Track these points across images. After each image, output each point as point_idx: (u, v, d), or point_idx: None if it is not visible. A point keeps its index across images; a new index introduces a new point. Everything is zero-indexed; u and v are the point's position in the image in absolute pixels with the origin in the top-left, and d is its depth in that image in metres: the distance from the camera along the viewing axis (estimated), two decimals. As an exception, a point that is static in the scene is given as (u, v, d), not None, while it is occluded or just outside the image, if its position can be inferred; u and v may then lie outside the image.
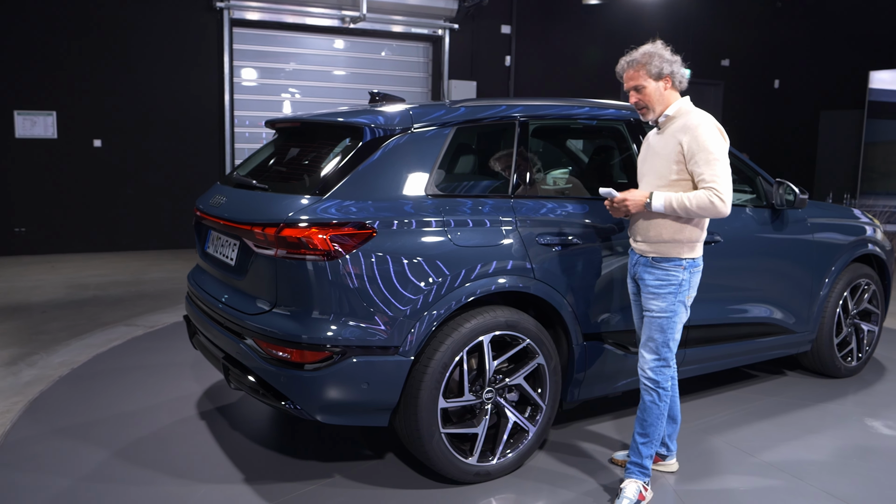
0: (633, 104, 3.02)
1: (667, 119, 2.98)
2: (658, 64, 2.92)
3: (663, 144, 2.96)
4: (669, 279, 2.93)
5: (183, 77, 9.19)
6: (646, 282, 2.97)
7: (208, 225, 3.47)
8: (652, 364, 2.97)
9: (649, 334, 2.98)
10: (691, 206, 2.81)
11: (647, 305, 2.97)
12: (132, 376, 4.47)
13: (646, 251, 2.97)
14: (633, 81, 2.97)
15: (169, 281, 7.37)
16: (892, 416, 4.03)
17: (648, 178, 3.03)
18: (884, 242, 4.78)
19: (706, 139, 2.84)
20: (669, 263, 2.93)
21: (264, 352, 2.88)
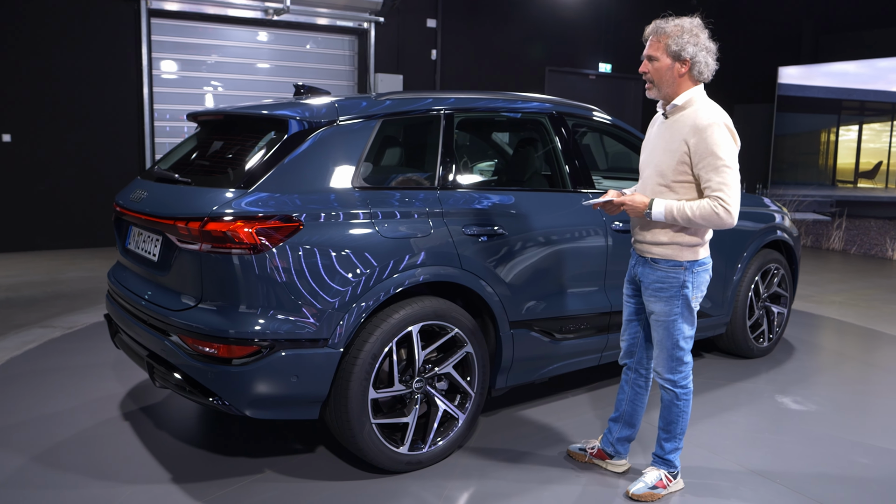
0: (640, 72, 2.81)
1: (675, 109, 2.77)
2: (683, 43, 2.69)
3: (669, 139, 2.75)
4: (670, 280, 2.81)
5: (98, 69, 8.86)
6: (646, 283, 2.88)
7: (129, 221, 3.39)
8: (666, 364, 2.89)
9: (658, 337, 2.89)
10: (694, 217, 2.65)
11: (650, 307, 2.88)
12: (50, 379, 4.31)
13: (645, 251, 2.87)
14: (650, 50, 2.75)
15: (87, 280, 7.11)
16: (800, 392, 4.27)
17: (650, 171, 2.85)
18: (791, 229, 5.05)
19: (717, 143, 2.62)
20: (669, 265, 2.81)
21: (190, 348, 2.84)
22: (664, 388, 2.95)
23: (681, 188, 2.75)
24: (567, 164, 3.78)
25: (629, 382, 3.14)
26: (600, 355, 3.89)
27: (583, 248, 3.68)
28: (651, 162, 2.85)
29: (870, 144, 9.93)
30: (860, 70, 10.00)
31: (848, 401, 4.20)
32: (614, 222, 3.80)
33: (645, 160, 2.92)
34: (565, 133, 3.84)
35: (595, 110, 4.18)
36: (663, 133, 2.80)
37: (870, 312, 6.43)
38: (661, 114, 2.88)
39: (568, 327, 3.64)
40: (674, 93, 2.76)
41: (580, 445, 3.32)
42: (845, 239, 10.10)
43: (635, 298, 3.03)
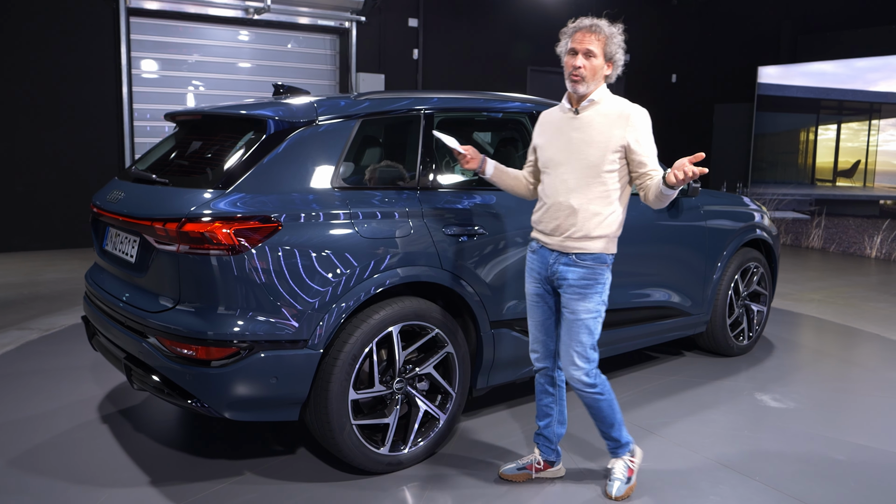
0: (572, 67, 2.77)
1: (590, 104, 2.81)
2: (616, 47, 2.81)
3: (593, 131, 2.77)
4: (596, 277, 2.80)
5: (77, 69, 8.76)
6: (569, 282, 2.80)
7: (106, 221, 3.35)
8: (585, 368, 2.82)
9: (576, 338, 2.81)
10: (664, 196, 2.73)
11: (572, 307, 2.80)
12: (27, 381, 4.26)
13: (569, 248, 2.80)
14: (588, 45, 2.76)
15: (64, 282, 7.03)
16: (779, 390, 4.31)
17: (570, 166, 2.80)
18: (771, 228, 5.09)
19: (649, 129, 2.79)
20: (595, 261, 2.79)
21: (168, 350, 2.81)
22: (583, 392, 2.87)
23: (610, 178, 2.77)
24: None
25: (552, 384, 3.06)
26: (581, 354, 3.89)
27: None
28: (570, 157, 2.80)
29: (848, 143, 10.05)
30: (838, 70, 10.11)
31: (826, 398, 4.24)
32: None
33: (556, 157, 2.84)
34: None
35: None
36: (580, 127, 2.80)
37: (848, 310, 6.51)
38: (567, 109, 2.86)
39: (549, 327, 3.64)
40: (590, 90, 2.80)
41: (516, 466, 3.14)
42: (824, 237, 10.21)
43: (549, 298, 2.93)
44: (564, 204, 2.80)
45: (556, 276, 2.84)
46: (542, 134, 2.96)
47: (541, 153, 2.94)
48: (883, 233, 9.53)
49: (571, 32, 2.83)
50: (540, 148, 2.95)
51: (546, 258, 2.87)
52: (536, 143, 2.98)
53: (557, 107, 2.96)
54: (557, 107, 2.96)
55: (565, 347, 2.85)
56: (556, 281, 2.85)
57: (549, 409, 3.09)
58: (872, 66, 9.67)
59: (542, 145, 2.93)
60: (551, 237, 2.84)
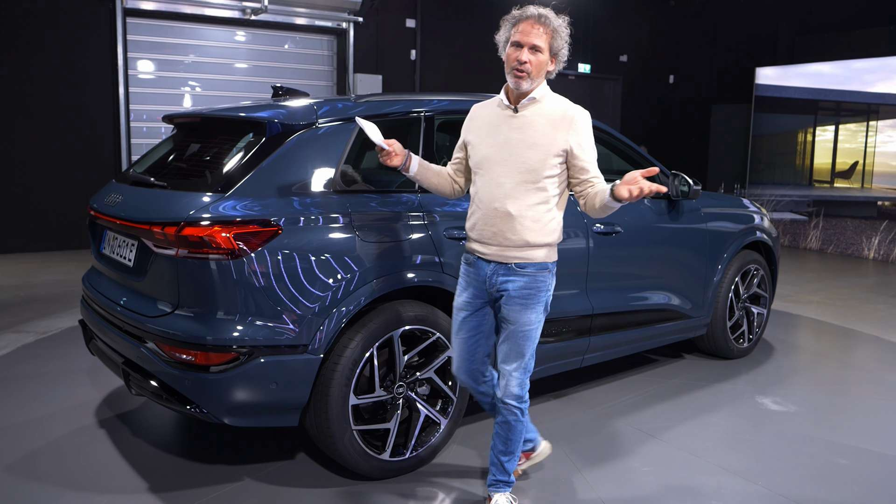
0: (516, 61, 2.56)
1: (531, 102, 2.62)
2: (562, 42, 2.62)
3: (533, 132, 2.58)
4: (538, 286, 2.64)
5: (73, 70, 8.72)
6: (510, 292, 2.63)
7: (104, 225, 3.32)
8: (519, 380, 2.68)
9: (515, 349, 2.65)
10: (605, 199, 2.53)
11: (513, 318, 2.63)
12: (23, 385, 4.22)
13: (509, 257, 2.62)
14: (535, 39, 2.55)
15: (61, 284, 6.99)
16: (779, 393, 4.30)
17: (507, 168, 2.58)
18: (770, 230, 5.08)
19: (591, 133, 2.62)
20: (536, 268, 2.63)
21: (167, 355, 2.79)
22: (510, 410, 2.70)
23: (550, 184, 2.59)
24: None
25: (480, 393, 2.89)
26: (582, 358, 3.88)
27: (564, 250, 3.64)
28: (508, 159, 2.58)
29: (846, 145, 10.05)
30: (835, 71, 10.12)
31: (826, 401, 4.23)
32: (595, 224, 3.79)
33: (492, 157, 2.62)
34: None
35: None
36: (519, 127, 2.60)
37: (846, 312, 6.50)
38: (505, 105, 2.66)
39: (549, 331, 3.63)
40: (533, 87, 2.61)
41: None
42: (822, 238, 10.21)
43: (482, 313, 2.75)
44: (501, 210, 2.59)
45: (495, 287, 2.66)
46: (474, 130, 2.73)
47: (473, 151, 2.71)
48: (881, 234, 9.53)
49: (515, 22, 2.60)
50: (472, 145, 2.71)
51: (483, 270, 2.68)
52: (467, 140, 2.74)
53: (492, 100, 2.75)
54: (492, 100, 2.75)
55: (505, 358, 2.67)
56: (495, 293, 2.67)
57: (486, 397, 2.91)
58: (870, 67, 9.67)
59: (475, 143, 2.70)
60: (489, 247, 2.64)
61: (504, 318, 2.68)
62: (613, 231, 3.87)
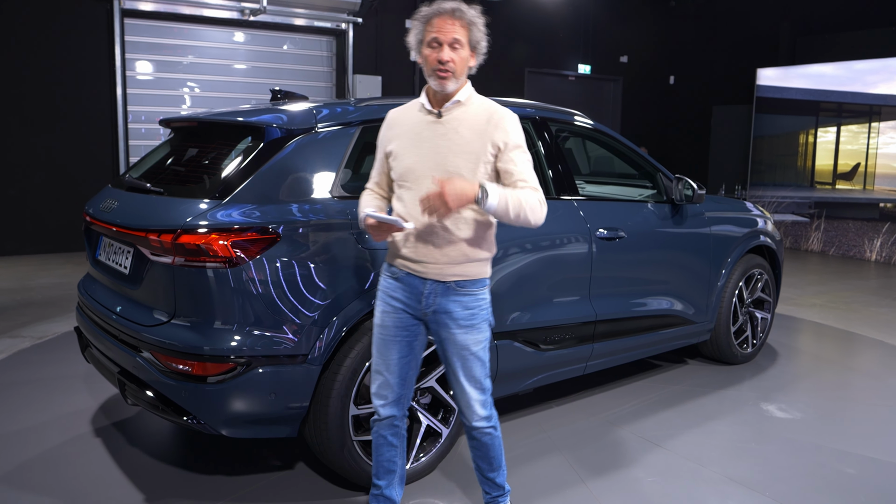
0: (436, 62, 2.35)
1: (456, 105, 2.41)
2: (480, 34, 2.44)
3: (459, 138, 2.37)
4: (479, 304, 2.45)
5: (70, 71, 8.66)
6: (452, 314, 2.41)
7: (99, 231, 3.26)
8: (482, 401, 2.51)
9: (471, 373, 2.47)
10: (525, 208, 2.32)
11: (460, 341, 2.43)
12: (18, 392, 4.17)
13: (448, 275, 2.40)
14: (454, 34, 2.35)
15: (58, 287, 6.93)
16: (784, 400, 4.24)
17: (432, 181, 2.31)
18: (774, 233, 5.03)
19: (520, 135, 2.43)
20: (477, 287, 2.45)
21: (163, 365, 2.73)
22: (482, 433, 2.53)
23: None
24: (551, 170, 3.72)
25: (396, 435, 2.60)
26: (585, 365, 3.83)
27: (567, 256, 3.62)
28: (436, 169, 2.36)
29: (848, 146, 10.01)
30: (837, 72, 10.07)
31: (831, 407, 4.18)
32: (599, 230, 3.74)
33: (418, 168, 2.39)
34: (549, 139, 3.77)
35: (577, 114, 4.12)
36: (445, 133, 2.39)
37: (850, 315, 6.45)
38: (427, 110, 2.43)
39: (553, 337, 3.58)
40: (457, 88, 2.41)
41: None
42: (824, 240, 10.17)
43: (413, 334, 2.50)
44: (438, 225, 2.37)
45: (431, 308, 2.43)
46: (395, 138, 2.48)
47: (396, 162, 2.45)
48: (883, 236, 9.49)
49: (428, 19, 2.38)
50: (394, 156, 2.46)
51: (417, 288, 2.43)
52: (389, 150, 2.49)
53: (411, 105, 2.52)
54: (411, 105, 2.52)
55: (459, 385, 2.48)
56: (430, 313, 2.44)
57: (391, 464, 2.62)
58: (872, 68, 9.63)
59: (398, 153, 2.45)
60: (425, 265, 2.41)
61: (447, 341, 2.45)
62: (617, 236, 3.82)
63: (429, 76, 2.39)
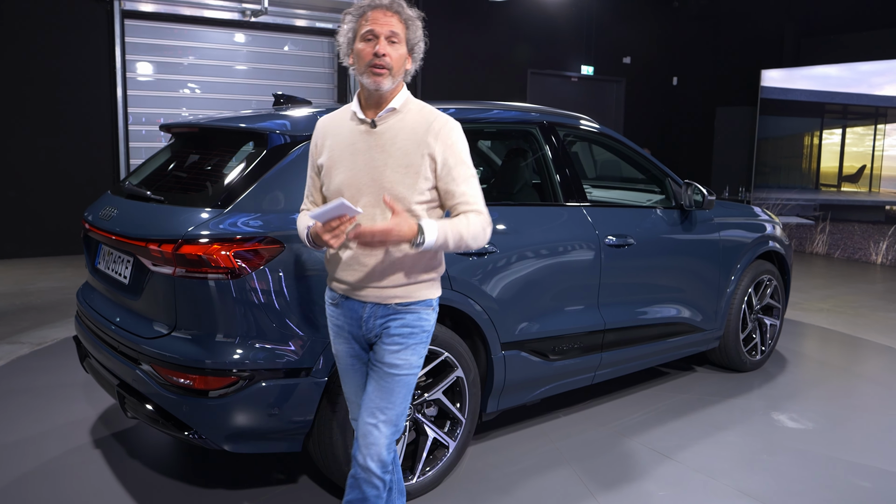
0: (371, 55, 2.09)
1: (391, 114, 2.17)
2: (417, 35, 2.20)
3: (400, 151, 2.13)
4: (421, 324, 2.23)
5: (70, 72, 8.59)
6: (390, 332, 2.19)
7: (98, 239, 3.19)
8: (388, 438, 2.18)
9: (386, 397, 2.18)
10: (467, 238, 2.10)
11: (388, 358, 2.18)
12: (16, 401, 4.10)
13: (388, 297, 2.18)
14: (391, 27, 2.12)
15: (58, 291, 6.86)
16: (794, 409, 4.17)
17: (372, 197, 2.13)
18: (783, 238, 4.96)
19: (464, 149, 2.18)
20: (421, 307, 2.22)
21: (164, 379, 2.66)
22: (370, 480, 2.17)
23: (423, 210, 2.15)
24: (558, 175, 3.65)
25: None
26: (594, 374, 3.76)
27: (575, 264, 3.55)
28: (372, 185, 2.13)
29: (853, 148, 9.93)
30: (842, 73, 9.99)
31: (843, 417, 4.11)
32: (608, 237, 3.67)
33: (352, 184, 2.15)
34: (556, 143, 3.71)
35: (583, 118, 4.05)
36: (380, 145, 2.15)
37: (858, 320, 6.38)
38: (360, 119, 2.19)
39: (561, 347, 3.51)
40: (393, 92, 2.18)
41: None
42: (829, 243, 10.09)
43: (361, 363, 2.29)
44: None
45: (373, 332, 2.22)
46: (326, 150, 2.23)
47: (327, 178, 2.22)
48: (889, 238, 9.42)
49: (363, 12, 2.15)
50: (326, 171, 2.22)
51: (356, 312, 2.22)
52: (320, 164, 2.25)
53: (342, 112, 2.28)
54: (342, 112, 2.28)
55: (368, 410, 2.18)
56: (372, 337, 2.23)
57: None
58: (878, 69, 9.55)
59: (329, 167, 2.21)
60: (363, 289, 2.19)
61: (378, 360, 2.20)
62: (626, 243, 3.75)
63: (361, 74, 2.13)
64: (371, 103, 2.18)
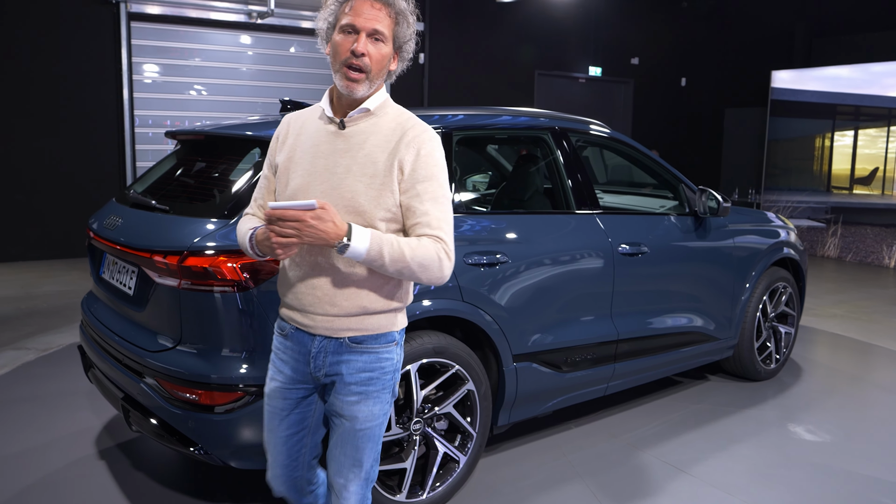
0: (349, 53, 1.83)
1: (363, 115, 1.90)
2: (408, 31, 1.92)
3: (367, 159, 1.85)
4: (382, 366, 1.91)
5: (76, 74, 8.55)
6: (344, 378, 1.89)
7: (103, 248, 3.14)
8: (360, 496, 1.98)
9: (353, 456, 1.92)
10: (412, 264, 1.78)
11: (348, 412, 1.90)
12: (20, 409, 4.05)
13: (339, 330, 1.88)
14: (376, 22, 1.83)
15: (63, 295, 6.82)
16: (810, 420, 4.09)
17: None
18: (798, 244, 4.87)
19: (438, 163, 1.88)
20: (381, 343, 1.91)
21: (168, 393, 2.60)
22: None
23: (387, 227, 1.85)
24: (571, 182, 3.58)
25: None
26: (606, 385, 3.69)
27: (588, 273, 3.48)
28: (329, 193, 1.84)
29: (865, 150, 9.82)
30: (854, 74, 9.88)
31: (860, 428, 4.02)
32: (621, 245, 3.60)
33: (308, 189, 1.86)
34: (568, 149, 3.63)
35: (593, 123, 3.97)
36: (347, 150, 1.87)
37: (872, 327, 6.28)
38: (328, 119, 1.93)
39: (574, 358, 3.44)
40: (370, 93, 1.90)
41: None
42: (841, 246, 9.98)
43: (305, 403, 1.99)
44: (325, 265, 1.85)
45: (322, 371, 1.91)
46: (286, 149, 1.95)
47: (284, 181, 1.92)
48: (902, 242, 9.31)
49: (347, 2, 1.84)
50: (281, 172, 1.94)
51: (304, 346, 1.92)
52: (276, 163, 1.98)
53: (312, 109, 2.02)
54: (312, 109, 2.02)
55: (338, 469, 1.95)
56: (322, 377, 1.93)
57: None
58: (890, 70, 9.44)
59: (285, 168, 1.93)
60: (312, 316, 1.89)
61: (336, 412, 1.92)
62: (639, 251, 3.67)
63: (335, 72, 1.87)
64: (343, 103, 1.91)
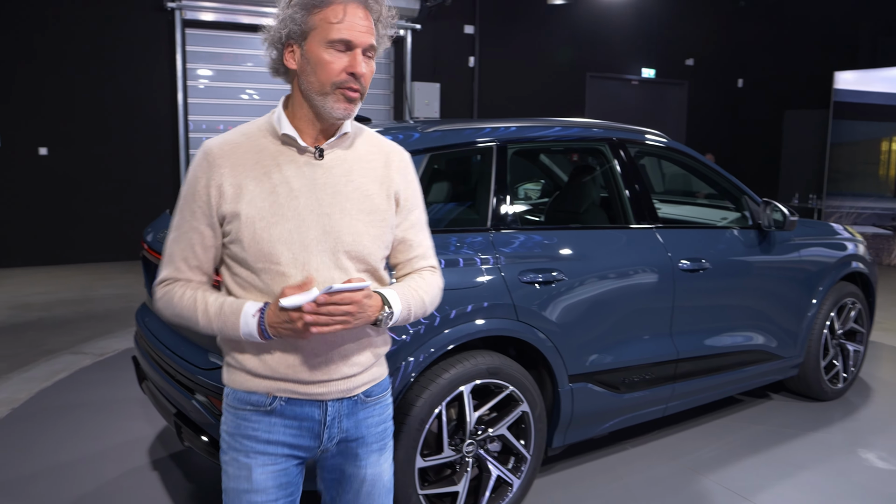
0: (346, 75, 1.56)
1: (341, 139, 1.64)
2: (385, 37, 1.68)
3: (362, 193, 1.62)
4: (389, 412, 1.77)
5: (133, 81, 8.73)
6: (365, 439, 1.69)
7: (155, 262, 3.13)
8: None
9: None
10: (428, 307, 1.71)
11: (371, 473, 1.71)
12: (76, 416, 4.10)
13: (355, 387, 1.66)
14: (370, 36, 1.59)
15: (119, 299, 6.95)
16: (883, 446, 3.88)
17: (327, 257, 1.56)
18: (866, 257, 4.65)
19: (419, 188, 1.76)
20: (384, 389, 1.76)
21: (219, 411, 2.56)
22: None
23: (385, 274, 1.70)
24: (629, 194, 3.45)
25: None
26: (665, 406, 3.55)
27: (647, 290, 3.35)
28: (319, 238, 1.56)
29: (935, 155, 9.38)
30: (923, 75, 9.45)
31: (938, 455, 3.80)
32: (681, 261, 3.46)
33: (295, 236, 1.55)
34: (626, 161, 3.51)
35: (648, 132, 3.82)
36: (329, 183, 1.59)
37: (945, 342, 5.97)
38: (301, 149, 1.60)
39: (632, 378, 3.32)
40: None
41: None
42: (907, 254, 9.56)
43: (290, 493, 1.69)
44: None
45: (334, 440, 1.67)
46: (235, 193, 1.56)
47: (250, 234, 1.55)
48: (975, 251, 8.85)
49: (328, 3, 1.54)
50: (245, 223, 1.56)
51: (312, 417, 1.63)
52: (226, 212, 1.57)
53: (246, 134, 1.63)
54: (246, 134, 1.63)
55: None
56: (334, 448, 1.68)
57: None
58: (963, 71, 8.99)
59: (250, 216, 1.56)
60: (324, 384, 1.61)
61: (355, 478, 1.70)
62: (701, 267, 3.53)
63: (323, 95, 1.56)
64: (318, 126, 1.61)
